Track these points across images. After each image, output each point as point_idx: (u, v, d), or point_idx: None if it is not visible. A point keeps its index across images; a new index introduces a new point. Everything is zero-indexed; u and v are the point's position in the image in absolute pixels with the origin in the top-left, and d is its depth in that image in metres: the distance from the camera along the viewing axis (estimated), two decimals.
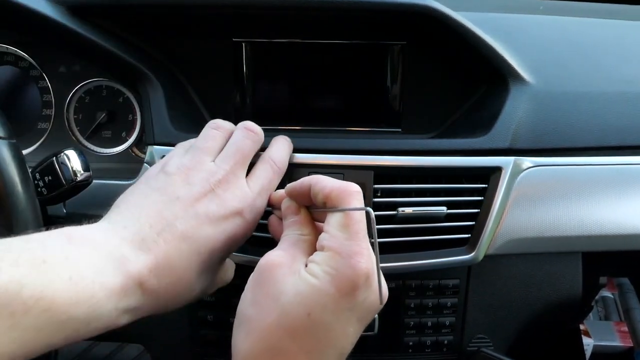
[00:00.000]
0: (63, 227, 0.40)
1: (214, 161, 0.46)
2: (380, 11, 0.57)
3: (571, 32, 0.67)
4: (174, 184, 0.43)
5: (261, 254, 0.54)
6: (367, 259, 0.37)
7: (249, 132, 0.49)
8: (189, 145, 0.49)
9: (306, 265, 0.38)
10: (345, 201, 0.39)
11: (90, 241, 0.38)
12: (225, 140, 0.49)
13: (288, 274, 0.38)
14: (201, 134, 0.49)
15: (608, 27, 0.70)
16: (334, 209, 0.39)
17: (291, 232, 0.43)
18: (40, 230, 0.38)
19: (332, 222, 0.39)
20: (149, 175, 0.46)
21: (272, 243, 0.55)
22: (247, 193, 0.45)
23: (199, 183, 0.43)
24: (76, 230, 0.39)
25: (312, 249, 0.41)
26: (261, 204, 0.47)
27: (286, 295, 0.37)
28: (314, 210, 0.43)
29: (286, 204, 0.44)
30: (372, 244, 0.37)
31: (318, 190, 0.40)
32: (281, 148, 0.51)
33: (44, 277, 0.34)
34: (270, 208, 0.49)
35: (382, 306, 0.39)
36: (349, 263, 0.36)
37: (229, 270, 0.50)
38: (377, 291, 0.38)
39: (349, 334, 0.38)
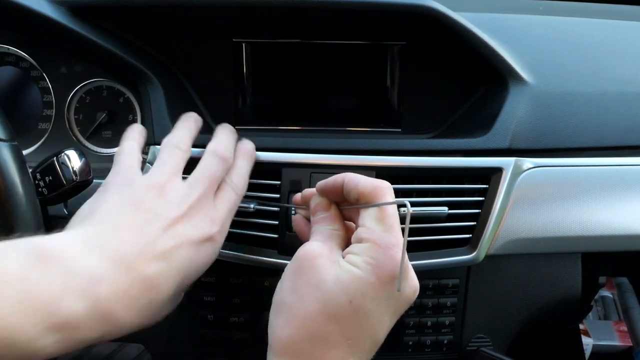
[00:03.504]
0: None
1: (183, 181, 0.45)
2: (379, 11, 0.57)
3: (571, 32, 0.67)
4: (150, 200, 0.43)
5: (257, 253, 0.55)
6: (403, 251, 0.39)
7: (222, 161, 0.48)
8: (140, 141, 0.49)
9: (343, 257, 0.40)
10: (379, 197, 0.41)
11: (60, 258, 0.36)
12: (185, 161, 0.48)
13: (328, 263, 0.39)
14: (163, 150, 0.48)
15: (607, 27, 0.70)
16: (368, 204, 0.41)
17: (323, 227, 0.44)
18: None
19: (367, 217, 0.40)
20: (118, 185, 0.44)
21: (269, 242, 0.55)
22: (216, 218, 0.45)
23: (176, 203, 0.43)
24: (47, 243, 0.37)
25: (344, 243, 0.43)
26: (227, 227, 0.48)
27: (328, 284, 0.38)
28: (343, 208, 0.45)
29: (316, 201, 0.45)
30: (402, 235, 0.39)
31: (351, 187, 0.42)
32: (243, 172, 0.51)
33: None
34: (293, 206, 0.49)
35: (414, 298, 0.41)
36: (388, 254, 0.38)
37: None
38: (412, 283, 0.40)
39: (385, 323, 0.39)
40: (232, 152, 0.50)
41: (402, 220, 0.39)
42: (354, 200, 0.42)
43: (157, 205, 0.42)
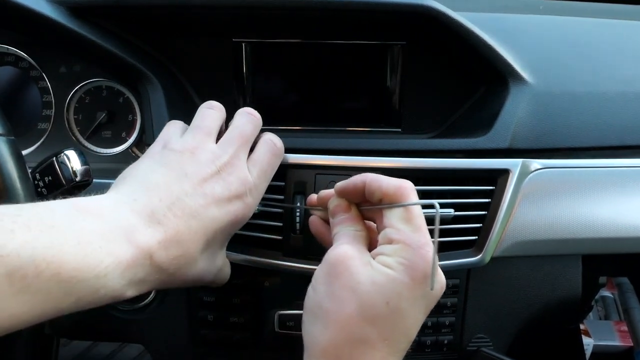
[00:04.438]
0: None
1: (215, 142, 0.47)
2: (380, 11, 0.57)
3: (571, 32, 0.67)
4: (181, 160, 0.44)
5: (262, 255, 0.55)
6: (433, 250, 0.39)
7: (251, 116, 0.50)
8: (182, 124, 0.50)
9: (373, 258, 0.40)
10: (404, 197, 0.41)
11: (98, 211, 0.38)
12: (221, 121, 0.50)
13: (361, 266, 0.39)
14: (197, 113, 0.50)
15: (608, 27, 0.70)
16: (393, 204, 0.41)
17: (345, 228, 0.44)
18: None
19: (393, 217, 0.41)
20: (153, 152, 0.47)
21: (271, 243, 0.55)
22: (248, 177, 0.47)
23: (206, 163, 0.45)
24: (83, 200, 0.39)
25: (367, 243, 0.43)
26: (261, 187, 0.49)
27: (364, 286, 0.38)
28: (363, 208, 0.45)
29: (335, 202, 0.45)
30: (432, 236, 0.39)
31: (375, 188, 0.42)
32: (274, 136, 0.53)
33: (54, 241, 0.34)
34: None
35: (442, 294, 0.41)
36: (419, 254, 0.38)
37: (226, 267, 0.51)
38: (440, 279, 0.41)
39: (419, 320, 0.40)
40: (258, 113, 0.51)
41: (430, 220, 0.40)
42: (377, 200, 0.42)
43: (187, 166, 0.44)
